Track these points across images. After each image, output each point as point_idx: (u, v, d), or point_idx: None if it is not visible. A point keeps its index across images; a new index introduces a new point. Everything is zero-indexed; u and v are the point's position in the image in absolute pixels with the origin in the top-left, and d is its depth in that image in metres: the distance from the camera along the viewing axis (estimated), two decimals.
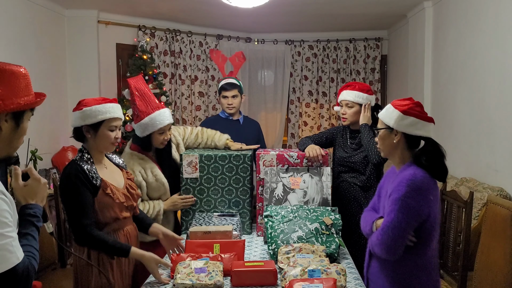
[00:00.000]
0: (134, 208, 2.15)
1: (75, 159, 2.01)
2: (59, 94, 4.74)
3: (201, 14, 5.22)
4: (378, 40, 6.12)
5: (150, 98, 2.49)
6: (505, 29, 3.24)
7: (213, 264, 1.90)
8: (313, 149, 2.56)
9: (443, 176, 1.83)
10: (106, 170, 2.07)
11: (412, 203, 1.72)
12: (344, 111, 2.74)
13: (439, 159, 1.81)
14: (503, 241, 2.38)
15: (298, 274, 1.79)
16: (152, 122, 2.43)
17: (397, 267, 1.81)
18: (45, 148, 4.38)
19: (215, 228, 2.15)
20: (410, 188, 1.73)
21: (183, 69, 5.73)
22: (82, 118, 1.99)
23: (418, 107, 1.83)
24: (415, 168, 1.79)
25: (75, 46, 4.97)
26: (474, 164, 3.67)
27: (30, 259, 1.25)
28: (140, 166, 2.48)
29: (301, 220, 2.25)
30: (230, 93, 3.22)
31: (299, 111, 6.35)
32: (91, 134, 2.01)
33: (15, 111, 1.30)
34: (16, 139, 1.34)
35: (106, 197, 1.98)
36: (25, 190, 1.38)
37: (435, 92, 4.54)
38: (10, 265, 1.17)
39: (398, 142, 1.85)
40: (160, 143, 2.52)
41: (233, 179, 2.59)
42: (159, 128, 2.45)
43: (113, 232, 2.04)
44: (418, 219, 1.74)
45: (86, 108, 1.99)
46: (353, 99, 2.69)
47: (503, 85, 3.26)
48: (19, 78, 1.32)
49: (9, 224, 1.20)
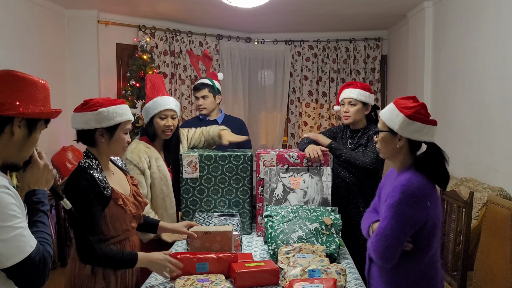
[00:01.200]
0: (140, 218, 2.05)
1: (83, 166, 1.83)
2: (58, 94, 4.73)
3: (201, 14, 5.22)
4: (378, 40, 6.12)
5: (159, 87, 2.58)
6: (505, 29, 3.24)
7: (213, 275, 1.89)
8: (313, 150, 2.55)
9: (445, 182, 1.77)
10: (113, 176, 1.95)
11: (406, 210, 1.66)
12: (347, 109, 2.72)
13: (440, 164, 1.75)
14: (503, 241, 2.38)
15: (298, 274, 1.79)
16: (154, 105, 2.52)
17: (395, 274, 1.76)
18: (44, 148, 4.37)
19: (215, 229, 2.14)
20: (404, 195, 1.66)
21: (183, 69, 5.73)
22: (98, 120, 1.82)
23: (423, 109, 1.76)
24: (412, 173, 1.72)
25: (75, 46, 4.97)
26: (474, 164, 3.67)
27: (44, 245, 1.30)
28: (146, 154, 2.51)
29: (301, 220, 2.25)
30: (199, 93, 3.16)
31: (299, 111, 6.35)
32: (106, 138, 1.85)
33: (30, 118, 1.33)
34: (26, 148, 1.36)
35: (118, 208, 1.84)
36: (26, 176, 1.40)
37: (435, 92, 4.54)
38: (25, 254, 1.23)
39: (401, 146, 1.78)
40: (162, 130, 2.54)
41: (233, 179, 2.59)
42: (160, 112, 2.50)
43: (119, 243, 1.90)
44: (413, 226, 1.68)
45: (102, 109, 1.82)
46: (356, 96, 2.69)
47: (503, 85, 3.26)
48: (39, 88, 1.36)
49: (17, 216, 1.24)
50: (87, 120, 1.84)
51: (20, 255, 1.22)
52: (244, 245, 2.42)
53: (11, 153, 1.33)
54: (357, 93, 2.69)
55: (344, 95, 2.74)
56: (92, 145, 1.89)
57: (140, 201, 2.01)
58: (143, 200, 2.05)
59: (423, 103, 1.80)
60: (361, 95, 2.69)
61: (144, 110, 2.60)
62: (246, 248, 2.36)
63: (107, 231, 1.84)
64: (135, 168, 2.47)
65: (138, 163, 2.47)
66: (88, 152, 1.89)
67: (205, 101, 3.15)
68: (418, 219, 1.68)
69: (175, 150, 2.67)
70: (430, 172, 1.72)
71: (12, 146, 1.32)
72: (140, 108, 4.85)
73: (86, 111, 1.84)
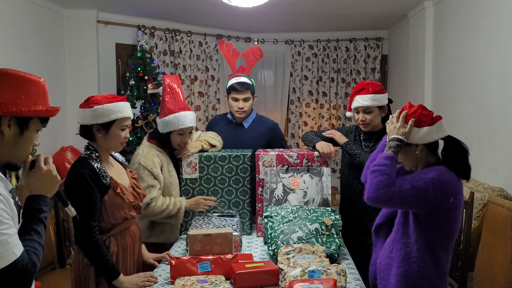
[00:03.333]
0: (139, 208, 2.14)
1: (84, 156, 1.95)
2: (58, 94, 4.73)
3: (201, 14, 5.21)
4: (378, 40, 6.11)
5: (179, 97, 2.52)
6: (505, 29, 3.23)
7: (213, 276, 1.89)
8: (327, 145, 2.51)
9: (467, 173, 1.78)
10: (113, 168, 2.05)
11: (429, 188, 1.63)
12: (363, 117, 2.53)
13: (461, 155, 1.78)
14: (504, 241, 2.37)
15: (298, 274, 1.78)
16: (175, 120, 2.44)
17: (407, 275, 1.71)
18: (44, 148, 4.34)
19: (215, 231, 2.13)
20: (437, 179, 1.65)
21: (182, 69, 5.72)
22: (93, 117, 1.92)
23: (424, 110, 1.79)
24: (442, 168, 1.72)
25: (74, 46, 4.96)
26: (475, 164, 3.62)
27: (30, 255, 1.25)
28: (159, 158, 2.48)
29: (301, 221, 2.24)
30: (241, 95, 2.83)
31: (299, 111, 6.34)
32: (102, 134, 1.96)
33: (20, 117, 1.29)
34: (19, 147, 1.32)
35: (116, 197, 1.96)
36: (29, 181, 1.36)
37: (435, 92, 4.54)
38: (7, 262, 1.18)
39: (420, 152, 1.78)
40: (178, 144, 2.52)
41: (232, 179, 2.58)
42: (180, 129, 2.46)
43: (119, 233, 2.03)
44: (421, 204, 1.65)
45: (97, 106, 1.92)
46: (371, 104, 2.48)
47: (503, 85, 3.25)
48: (31, 86, 1.31)
49: (4, 222, 1.20)
50: (85, 116, 1.95)
51: (1, 262, 1.18)
52: (244, 245, 2.42)
53: (5, 153, 1.30)
54: (370, 99, 2.48)
55: (357, 103, 2.53)
56: (91, 139, 2.00)
57: (139, 192, 2.11)
58: (142, 191, 2.15)
59: (421, 105, 1.82)
60: (375, 100, 2.48)
61: (163, 122, 2.47)
62: (246, 249, 2.36)
63: (107, 218, 1.95)
64: (149, 173, 2.42)
65: (152, 168, 2.42)
66: (89, 145, 2.00)
67: (246, 104, 2.86)
68: (431, 203, 1.64)
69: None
70: (455, 165, 1.73)
71: (4, 146, 1.29)
72: (139, 108, 4.84)
73: (85, 107, 1.95)
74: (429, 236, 1.69)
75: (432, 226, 1.69)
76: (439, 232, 1.69)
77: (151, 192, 2.40)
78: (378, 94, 2.49)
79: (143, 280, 1.93)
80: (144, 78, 4.84)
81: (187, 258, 1.97)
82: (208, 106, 6.02)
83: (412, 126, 1.75)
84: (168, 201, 2.44)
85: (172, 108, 2.47)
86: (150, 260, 2.21)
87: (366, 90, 2.50)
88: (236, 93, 2.83)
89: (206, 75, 5.97)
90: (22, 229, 1.29)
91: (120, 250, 2.02)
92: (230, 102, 2.88)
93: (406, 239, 1.73)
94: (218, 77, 6.05)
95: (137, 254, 2.14)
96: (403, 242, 1.73)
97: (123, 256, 2.04)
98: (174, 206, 2.44)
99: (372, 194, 1.66)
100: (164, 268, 2.11)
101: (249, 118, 2.95)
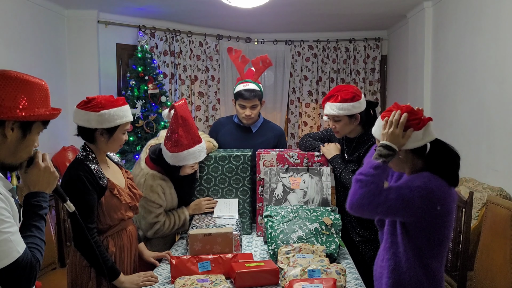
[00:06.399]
0: (136, 208, 2.13)
1: (80, 158, 1.94)
2: (59, 95, 4.74)
3: (201, 14, 5.22)
4: (378, 40, 6.12)
5: (192, 129, 2.32)
6: (505, 29, 3.24)
7: (213, 275, 1.89)
8: (334, 147, 2.51)
9: (455, 180, 1.63)
10: (109, 169, 2.05)
11: (415, 198, 1.54)
12: (333, 125, 2.42)
13: (449, 160, 1.63)
14: (503, 241, 2.38)
15: (298, 274, 1.79)
16: (189, 156, 2.29)
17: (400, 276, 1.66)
18: (44, 148, 4.34)
19: (216, 230, 2.13)
20: (423, 187, 1.55)
21: (183, 69, 5.73)
22: (99, 122, 1.90)
23: (411, 115, 1.62)
24: (429, 174, 1.60)
25: (75, 46, 4.97)
26: (474, 164, 3.67)
27: (33, 251, 1.27)
28: (162, 188, 2.38)
29: (301, 220, 2.25)
30: (249, 103, 2.75)
31: (299, 111, 6.35)
32: (105, 137, 1.95)
33: (23, 121, 1.28)
34: (21, 149, 1.32)
35: (113, 198, 1.96)
36: (27, 178, 1.36)
37: (435, 92, 4.55)
38: (11, 260, 1.20)
39: (405, 156, 1.66)
40: (186, 173, 2.41)
41: (233, 179, 2.59)
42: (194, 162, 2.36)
43: (116, 234, 2.03)
44: (406, 212, 1.57)
45: (104, 111, 1.89)
46: (337, 112, 2.34)
47: (503, 85, 3.26)
48: (34, 89, 1.30)
49: (5, 221, 1.21)
50: (88, 119, 1.91)
51: (5, 260, 1.19)
52: (244, 245, 2.42)
53: (6, 155, 1.30)
54: (337, 108, 2.34)
55: (325, 111, 2.42)
56: (91, 141, 1.98)
57: (135, 192, 2.10)
58: (138, 192, 2.15)
59: (408, 106, 1.65)
60: (342, 109, 2.32)
61: (176, 157, 2.28)
62: (246, 248, 2.37)
63: (104, 219, 1.94)
64: (153, 203, 2.36)
65: (158, 200, 2.36)
66: (86, 146, 1.98)
67: (253, 111, 2.78)
68: (417, 212, 1.57)
69: (189, 187, 2.58)
70: (440, 172, 1.61)
71: (6, 149, 1.29)
72: (140, 108, 4.85)
73: (89, 110, 1.91)
74: (418, 245, 1.62)
75: (421, 235, 1.61)
76: (428, 241, 1.61)
77: (158, 217, 2.38)
78: (346, 103, 2.32)
79: (143, 280, 1.94)
80: (145, 78, 4.85)
81: (188, 257, 1.98)
82: (208, 106, 6.03)
83: (409, 136, 1.60)
84: (173, 218, 2.44)
85: (187, 143, 2.27)
86: (151, 258, 2.21)
87: (335, 98, 2.36)
88: (244, 100, 2.77)
89: (206, 75, 5.98)
90: (23, 226, 1.30)
91: (117, 250, 2.03)
92: (237, 108, 2.84)
93: (395, 248, 1.66)
94: (218, 77, 6.06)
95: (133, 254, 2.14)
96: (392, 252, 1.67)
97: (120, 256, 2.05)
98: (179, 219, 2.45)
99: (355, 203, 1.57)
100: (164, 267, 2.12)
101: (257, 123, 2.93)
